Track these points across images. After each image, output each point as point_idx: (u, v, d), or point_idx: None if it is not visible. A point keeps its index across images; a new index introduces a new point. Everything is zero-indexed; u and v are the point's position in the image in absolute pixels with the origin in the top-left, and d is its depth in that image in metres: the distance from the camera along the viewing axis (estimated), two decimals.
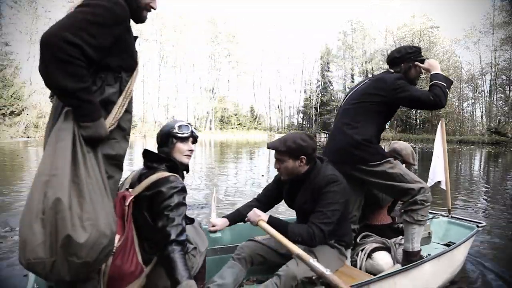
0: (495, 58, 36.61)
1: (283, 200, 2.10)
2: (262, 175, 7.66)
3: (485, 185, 6.05)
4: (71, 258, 1.05)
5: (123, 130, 1.30)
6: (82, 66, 1.09)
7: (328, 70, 53.93)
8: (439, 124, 3.02)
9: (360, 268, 2.19)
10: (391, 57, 2.27)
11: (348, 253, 2.17)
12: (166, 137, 1.66)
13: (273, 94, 58.25)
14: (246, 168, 9.37)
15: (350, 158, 2.12)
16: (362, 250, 2.27)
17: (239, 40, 53.46)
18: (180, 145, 1.66)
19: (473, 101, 41.28)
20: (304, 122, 58.43)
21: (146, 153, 1.65)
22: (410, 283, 1.93)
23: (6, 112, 27.66)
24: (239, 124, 52.50)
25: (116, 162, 1.29)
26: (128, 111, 1.31)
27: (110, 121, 1.22)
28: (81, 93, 1.10)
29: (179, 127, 1.66)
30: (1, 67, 31.42)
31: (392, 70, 2.26)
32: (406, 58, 2.22)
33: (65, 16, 1.11)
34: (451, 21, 72.38)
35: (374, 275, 1.90)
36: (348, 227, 2.02)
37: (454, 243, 2.50)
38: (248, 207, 2.01)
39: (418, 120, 43.15)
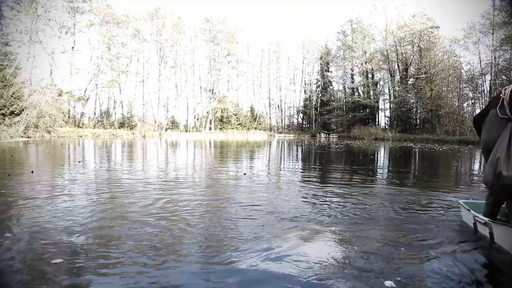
0: (495, 58, 36.58)
1: None
2: (244, 174, 7.60)
3: (484, 186, 6.07)
4: (500, 181, 2.64)
5: None
6: None
7: (328, 70, 53.98)
8: None
9: None
10: None
11: None
12: None
13: (273, 94, 58.45)
14: (240, 167, 9.38)
15: None
16: None
17: (238, 39, 53.51)
18: None
19: (473, 101, 41.27)
20: (304, 122, 58.52)
21: None
22: None
23: (6, 112, 27.66)
24: (239, 124, 52.54)
25: None
26: None
27: None
28: None
29: None
30: (1, 67, 31.45)
31: None
32: None
33: None
34: (451, 21, 72.39)
35: None
36: None
37: None
38: None
39: (418, 120, 43.18)
